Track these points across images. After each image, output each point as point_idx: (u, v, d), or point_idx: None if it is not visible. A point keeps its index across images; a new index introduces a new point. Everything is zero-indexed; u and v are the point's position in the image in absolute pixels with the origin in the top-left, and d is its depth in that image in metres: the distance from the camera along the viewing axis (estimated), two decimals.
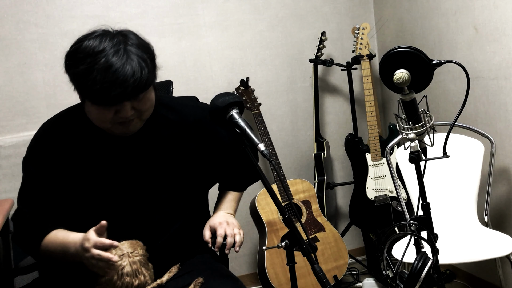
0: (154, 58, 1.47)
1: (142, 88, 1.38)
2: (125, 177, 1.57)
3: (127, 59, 1.35)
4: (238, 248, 1.69)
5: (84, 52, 1.36)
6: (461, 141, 2.44)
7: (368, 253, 3.09)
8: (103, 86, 1.33)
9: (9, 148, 2.56)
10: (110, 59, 1.34)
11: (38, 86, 2.71)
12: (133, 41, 1.41)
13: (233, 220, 1.77)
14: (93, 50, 1.36)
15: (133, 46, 1.39)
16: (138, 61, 1.37)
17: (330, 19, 3.21)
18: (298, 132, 3.19)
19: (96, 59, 1.34)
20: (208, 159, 1.68)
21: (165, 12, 2.90)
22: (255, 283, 3.02)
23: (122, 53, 1.36)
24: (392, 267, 1.51)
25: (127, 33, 1.44)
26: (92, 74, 1.33)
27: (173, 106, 1.64)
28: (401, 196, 2.57)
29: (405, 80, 1.45)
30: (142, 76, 1.36)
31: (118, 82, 1.33)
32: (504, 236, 2.19)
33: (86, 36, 1.42)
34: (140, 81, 1.36)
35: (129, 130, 1.49)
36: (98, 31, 1.42)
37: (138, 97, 1.40)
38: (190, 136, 1.63)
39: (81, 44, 1.39)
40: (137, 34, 1.47)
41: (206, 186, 1.79)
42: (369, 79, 2.85)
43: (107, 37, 1.39)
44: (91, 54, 1.35)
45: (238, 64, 3.04)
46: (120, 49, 1.36)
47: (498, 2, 2.29)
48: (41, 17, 2.70)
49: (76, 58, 1.37)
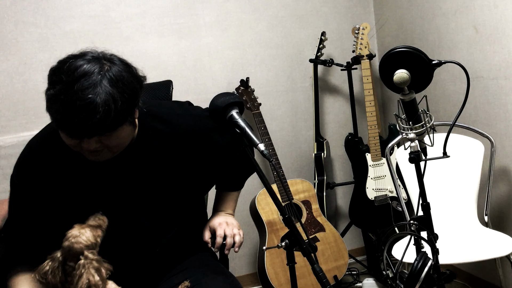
0: (135, 95, 1.35)
1: (105, 129, 1.30)
2: (117, 192, 1.53)
3: (96, 97, 1.25)
4: (237, 248, 1.69)
5: (58, 76, 1.29)
6: (461, 141, 2.44)
7: (368, 253, 3.09)
8: (63, 118, 1.27)
9: (9, 148, 2.56)
10: (78, 94, 1.25)
11: (38, 86, 2.71)
12: (113, 75, 1.30)
13: (233, 221, 1.77)
14: (68, 77, 1.27)
15: (110, 82, 1.29)
16: (108, 100, 1.26)
17: (330, 19, 3.21)
18: (298, 132, 3.19)
19: (65, 89, 1.26)
20: (203, 166, 1.64)
21: (165, 12, 2.90)
22: (255, 283, 3.02)
23: (93, 88, 1.26)
24: (392, 267, 1.51)
25: (112, 65, 1.33)
26: (56, 103, 1.27)
27: (163, 116, 1.57)
28: (401, 196, 2.57)
29: (405, 80, 1.45)
30: (107, 117, 1.27)
31: (79, 119, 1.26)
32: (504, 236, 2.19)
33: (70, 57, 1.33)
34: (103, 122, 1.27)
35: (98, 159, 1.42)
36: (84, 56, 1.33)
37: (102, 134, 1.33)
38: (182, 145, 1.58)
39: (60, 66, 1.31)
40: (125, 65, 1.36)
41: (203, 191, 1.77)
42: (369, 79, 2.85)
43: (88, 65, 1.30)
44: (63, 82, 1.27)
45: (238, 64, 3.04)
46: (93, 84, 1.26)
47: (498, 2, 2.29)
48: (41, 17, 2.70)
49: (51, 80, 1.32)
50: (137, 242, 1.57)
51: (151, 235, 1.59)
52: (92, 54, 1.34)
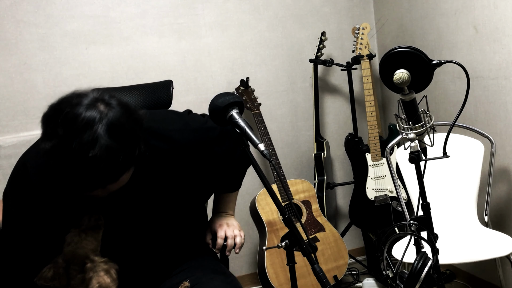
0: (136, 141, 1.28)
1: (107, 182, 1.26)
2: (118, 207, 1.51)
3: (96, 153, 1.17)
4: (238, 250, 1.69)
5: (53, 128, 1.21)
6: (461, 141, 2.44)
7: (368, 253, 3.09)
8: (62, 176, 1.23)
9: (9, 148, 2.56)
10: (77, 152, 1.18)
11: (38, 86, 2.71)
12: (112, 123, 1.22)
13: (233, 222, 1.77)
14: (64, 130, 1.19)
15: (109, 133, 1.20)
16: (108, 156, 1.19)
17: (330, 19, 3.21)
18: (298, 132, 3.19)
19: (62, 146, 1.19)
20: (204, 177, 1.63)
21: (165, 12, 2.90)
22: (255, 283, 3.02)
23: (92, 144, 1.18)
24: (392, 267, 1.51)
25: (110, 110, 1.24)
26: (54, 160, 1.21)
27: (162, 133, 1.52)
28: (401, 196, 2.57)
29: (405, 80, 1.45)
30: (109, 172, 1.23)
31: (79, 178, 1.21)
32: (504, 236, 2.19)
33: (65, 104, 1.24)
34: (104, 178, 1.23)
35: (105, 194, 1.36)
36: (80, 103, 1.23)
37: (104, 187, 1.28)
38: (183, 160, 1.55)
39: (54, 115, 1.23)
40: (123, 108, 1.26)
41: (204, 199, 1.77)
42: (369, 79, 2.85)
43: (86, 113, 1.20)
44: (59, 136, 1.19)
45: (238, 64, 3.04)
46: (92, 139, 1.18)
47: (498, 2, 2.29)
48: (41, 17, 2.70)
49: (46, 130, 1.24)
50: (139, 248, 1.57)
51: (152, 240, 1.58)
52: (87, 99, 1.24)
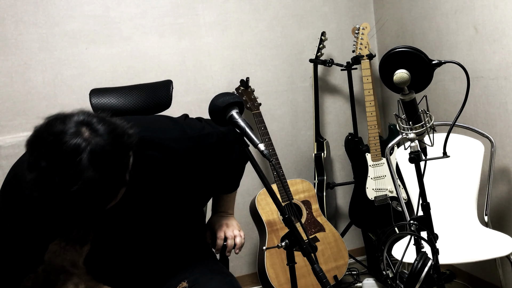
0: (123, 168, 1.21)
1: (93, 212, 1.22)
2: (118, 218, 1.50)
3: (79, 188, 1.12)
4: (238, 250, 1.69)
5: (36, 157, 1.15)
6: (461, 141, 2.44)
7: (368, 253, 3.09)
8: (46, 209, 1.20)
9: (9, 148, 2.56)
10: (59, 188, 1.13)
11: (38, 86, 2.71)
12: (96, 153, 1.14)
13: (233, 221, 1.77)
14: (46, 162, 1.14)
15: (92, 164, 1.13)
16: (92, 190, 1.14)
17: (330, 19, 3.21)
18: (298, 132, 3.19)
19: (44, 179, 1.13)
20: (202, 182, 1.61)
21: (165, 12, 2.90)
22: (255, 283, 3.02)
23: (75, 179, 1.12)
24: (392, 267, 1.51)
25: (94, 137, 1.16)
26: (35, 191, 1.16)
27: (159, 142, 1.48)
28: (401, 196, 2.57)
29: (405, 80, 1.45)
30: (94, 205, 1.19)
31: (62, 212, 1.19)
32: (504, 236, 2.19)
33: (49, 131, 1.19)
34: (89, 210, 1.19)
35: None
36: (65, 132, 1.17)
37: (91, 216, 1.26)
38: (180, 168, 1.53)
39: (39, 143, 1.18)
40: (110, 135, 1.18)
41: (203, 203, 1.77)
42: (369, 79, 2.85)
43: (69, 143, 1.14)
44: (41, 169, 1.13)
45: (238, 64, 3.04)
46: (74, 174, 1.12)
47: (498, 2, 2.29)
48: (41, 17, 2.70)
49: (29, 158, 1.17)
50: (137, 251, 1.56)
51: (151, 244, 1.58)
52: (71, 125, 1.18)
